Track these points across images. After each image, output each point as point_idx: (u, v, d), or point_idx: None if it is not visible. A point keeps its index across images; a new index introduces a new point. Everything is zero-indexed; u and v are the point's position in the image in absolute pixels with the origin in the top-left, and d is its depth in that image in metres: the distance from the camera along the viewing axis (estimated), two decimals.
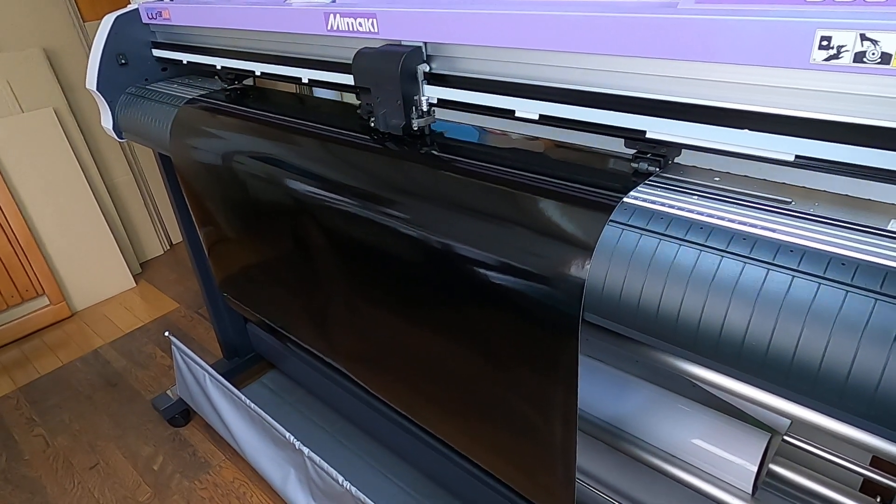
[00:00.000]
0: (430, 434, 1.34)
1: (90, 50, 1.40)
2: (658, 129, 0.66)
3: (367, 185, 0.89)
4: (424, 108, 0.86)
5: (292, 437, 1.27)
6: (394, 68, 0.82)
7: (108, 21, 1.35)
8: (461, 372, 0.88)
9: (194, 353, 1.55)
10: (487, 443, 0.94)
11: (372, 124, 0.91)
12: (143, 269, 2.67)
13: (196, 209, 1.35)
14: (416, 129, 0.86)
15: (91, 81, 1.37)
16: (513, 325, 0.74)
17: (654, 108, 0.65)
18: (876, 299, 0.47)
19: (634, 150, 0.71)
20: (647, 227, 0.60)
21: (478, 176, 0.77)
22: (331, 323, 1.14)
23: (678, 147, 0.67)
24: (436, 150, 0.86)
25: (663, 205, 0.63)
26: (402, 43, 0.85)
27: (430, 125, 0.89)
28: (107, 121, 1.42)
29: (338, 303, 1.07)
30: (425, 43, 0.83)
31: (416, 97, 0.85)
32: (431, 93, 0.85)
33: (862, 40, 0.50)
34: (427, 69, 0.84)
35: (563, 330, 0.67)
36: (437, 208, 0.79)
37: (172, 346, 1.62)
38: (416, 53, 0.82)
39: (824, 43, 0.51)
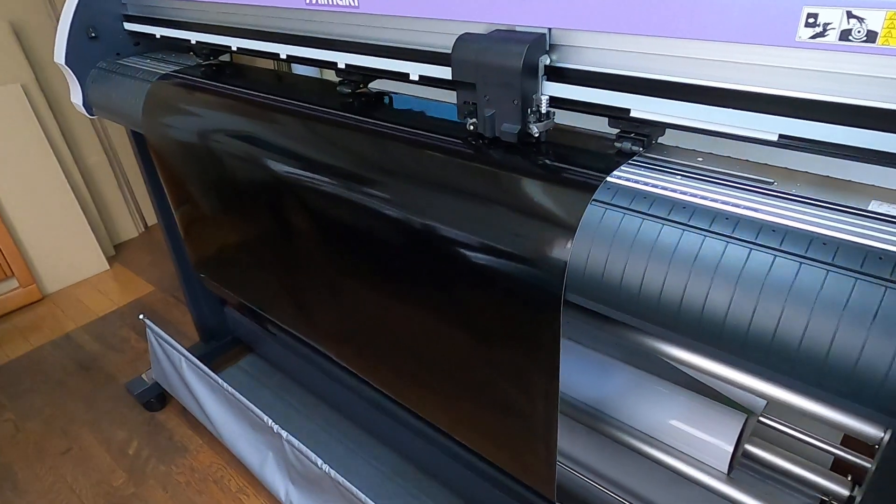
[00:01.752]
0: (409, 416, 1.34)
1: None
2: (642, 107, 0.65)
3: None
4: (544, 110, 0.72)
5: (270, 421, 1.26)
6: (515, 60, 0.67)
7: None
8: (443, 351, 0.87)
9: (170, 336, 1.52)
10: (469, 421, 0.94)
11: (471, 128, 0.77)
12: (117, 252, 2.61)
13: (171, 188, 1.31)
14: (535, 134, 0.73)
15: (59, 55, 1.32)
16: (495, 306, 0.73)
17: (639, 86, 0.65)
18: (856, 279, 0.48)
19: (618, 130, 0.70)
20: (630, 207, 0.60)
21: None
22: (312, 303, 1.12)
23: (662, 126, 0.66)
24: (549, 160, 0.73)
25: (647, 184, 0.62)
26: (500, 27, 0.72)
27: (548, 130, 0.75)
28: (76, 96, 1.38)
29: (319, 282, 1.06)
30: (549, 29, 0.69)
31: (534, 96, 0.72)
32: (550, 90, 0.72)
33: (848, 18, 0.49)
34: (548, 61, 0.71)
35: (546, 310, 0.66)
36: (426, 190, 0.78)
37: (147, 330, 1.58)
38: (539, 42, 0.68)
39: (811, 20, 0.51)
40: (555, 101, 0.72)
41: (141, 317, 1.59)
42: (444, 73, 0.78)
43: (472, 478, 1.23)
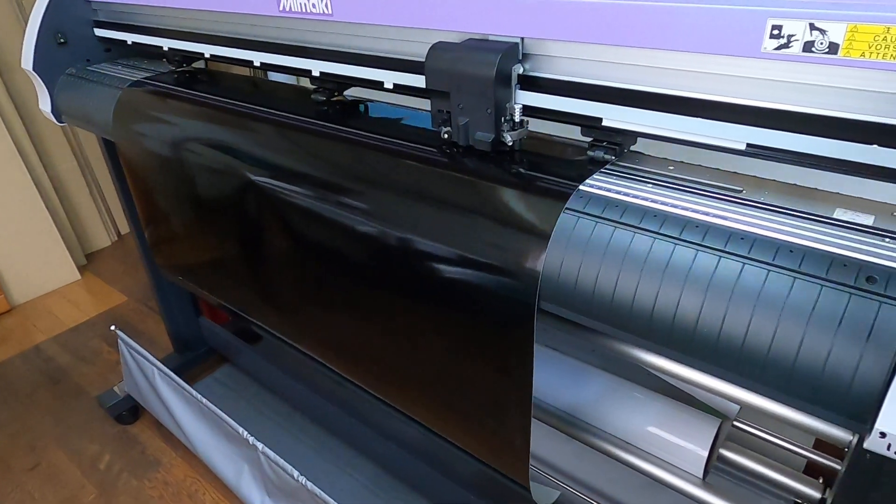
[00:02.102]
0: (387, 426, 1.33)
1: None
2: (614, 116, 0.66)
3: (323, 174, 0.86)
4: (517, 119, 0.72)
5: (245, 433, 1.24)
6: (488, 69, 0.67)
7: None
8: (418, 353, 0.87)
9: (143, 347, 1.49)
10: (446, 416, 0.93)
11: (445, 136, 0.77)
12: (88, 261, 2.56)
13: (141, 197, 1.29)
14: (509, 142, 0.73)
15: (27, 61, 1.29)
16: (470, 313, 0.73)
17: (610, 95, 0.65)
18: (822, 286, 0.48)
19: (591, 138, 0.71)
20: (602, 215, 0.60)
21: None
22: (292, 307, 1.11)
23: (634, 135, 0.67)
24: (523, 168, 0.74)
25: (619, 193, 0.62)
26: (474, 36, 0.72)
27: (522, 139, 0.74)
28: (45, 103, 1.35)
29: (297, 289, 1.04)
30: (522, 39, 0.69)
31: (507, 104, 0.72)
32: (524, 99, 0.72)
33: (811, 30, 0.50)
34: (521, 70, 0.71)
35: (520, 318, 0.66)
36: (400, 198, 0.78)
37: (119, 341, 1.55)
38: (512, 51, 0.69)
39: (775, 32, 0.52)
40: (528, 110, 0.72)
41: (113, 328, 1.56)
42: (419, 81, 0.78)
43: (451, 487, 1.23)
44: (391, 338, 0.89)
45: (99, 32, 1.35)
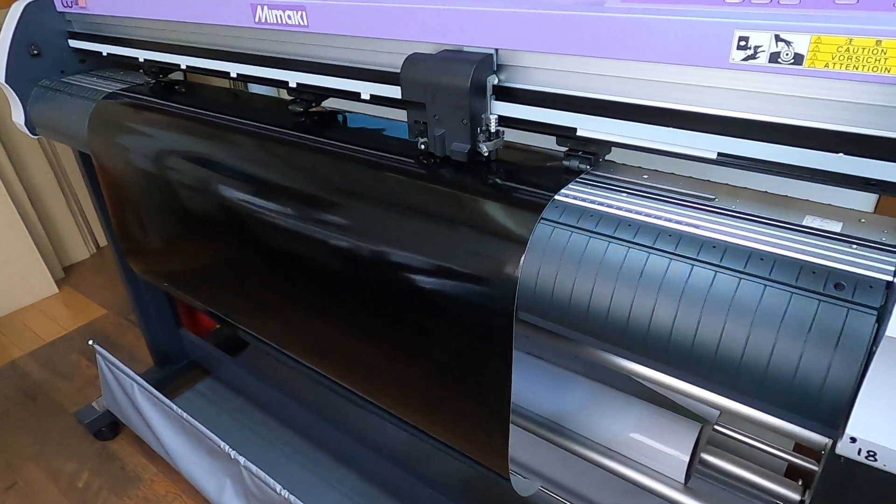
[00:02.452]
0: (371, 438, 1.32)
1: None
2: (588, 126, 0.66)
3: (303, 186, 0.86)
4: (493, 129, 0.73)
5: (227, 447, 1.22)
6: (462, 80, 0.68)
7: (16, 9, 1.25)
8: (399, 358, 0.86)
9: (122, 361, 1.46)
10: (428, 414, 0.92)
11: (422, 147, 0.77)
12: (66, 274, 2.51)
13: (119, 211, 1.27)
14: (485, 153, 0.73)
15: None
16: (449, 323, 0.73)
17: (584, 105, 0.66)
18: (791, 293, 0.49)
19: (566, 148, 0.71)
20: (577, 225, 0.60)
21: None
22: (274, 311, 1.09)
23: (608, 145, 0.67)
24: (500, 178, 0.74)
25: (593, 202, 0.63)
26: (448, 47, 0.72)
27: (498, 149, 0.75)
28: (18, 116, 1.32)
29: (275, 297, 1.03)
30: (496, 50, 0.70)
31: (483, 115, 0.72)
32: (499, 110, 0.72)
33: (777, 41, 0.51)
34: (496, 81, 0.71)
35: (498, 328, 0.66)
36: (377, 209, 0.77)
37: (97, 355, 1.52)
38: (486, 62, 0.69)
39: (742, 43, 0.53)
40: (503, 121, 0.72)
41: (90, 342, 1.53)
42: (395, 92, 0.78)
43: (435, 497, 1.22)
44: (371, 343, 0.89)
45: (73, 44, 1.33)
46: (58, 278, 2.44)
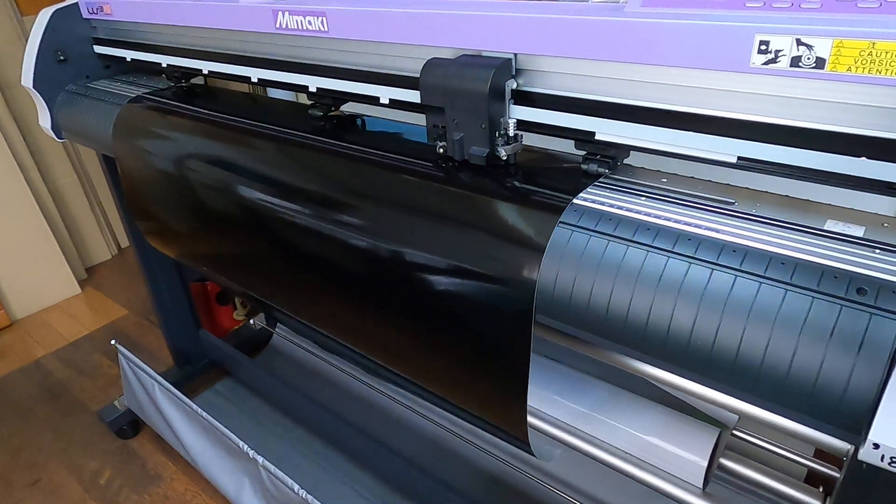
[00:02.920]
0: (389, 439, 1.32)
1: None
2: (607, 130, 0.66)
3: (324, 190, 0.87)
4: (511, 133, 0.73)
5: (245, 446, 1.24)
6: (482, 84, 0.68)
7: (44, 16, 1.29)
8: (419, 353, 0.85)
9: (143, 361, 1.49)
10: (453, 393, 0.90)
11: (441, 151, 0.77)
12: (89, 275, 2.56)
13: (141, 216, 1.29)
14: (504, 157, 0.73)
15: (27, 79, 1.30)
16: (467, 326, 0.73)
17: (603, 109, 0.66)
18: (813, 297, 0.49)
19: (584, 152, 0.72)
20: (596, 229, 0.60)
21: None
22: (305, 301, 1.07)
23: (626, 148, 0.67)
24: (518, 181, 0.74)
25: (612, 206, 0.63)
26: (467, 52, 0.73)
27: (516, 153, 0.75)
28: (45, 120, 1.36)
29: (304, 289, 1.02)
30: (515, 55, 0.70)
31: (501, 119, 0.73)
32: (518, 114, 0.73)
33: (798, 45, 0.51)
34: (515, 85, 0.72)
35: (516, 331, 0.66)
36: (396, 212, 0.78)
37: (119, 355, 1.55)
38: (505, 67, 0.70)
39: (763, 47, 0.52)
40: (522, 125, 0.73)
41: (113, 342, 1.56)
42: (414, 96, 0.79)
43: (452, 499, 1.22)
44: (397, 328, 0.87)
45: (98, 49, 1.36)
46: (80, 279, 2.48)
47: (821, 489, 0.85)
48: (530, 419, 0.75)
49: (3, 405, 1.86)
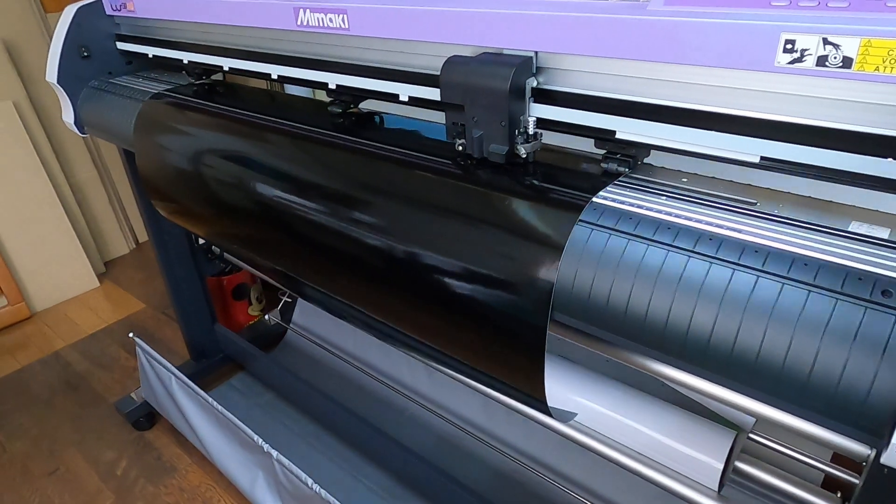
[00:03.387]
0: (402, 435, 1.33)
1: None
2: (627, 129, 0.66)
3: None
4: (531, 132, 0.73)
5: (260, 440, 1.25)
6: (502, 82, 0.68)
7: (69, 12, 1.31)
8: (446, 325, 0.84)
9: (160, 354, 1.51)
10: (471, 354, 0.88)
11: (460, 148, 0.78)
12: (107, 269, 2.60)
13: (164, 210, 1.31)
14: (523, 155, 0.73)
15: (51, 74, 1.33)
16: (485, 322, 0.73)
17: (624, 108, 0.66)
18: (837, 299, 0.48)
19: (604, 151, 0.71)
20: (615, 227, 0.60)
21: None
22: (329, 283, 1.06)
23: (647, 147, 0.67)
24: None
25: (632, 205, 0.63)
26: (488, 50, 0.73)
27: (535, 151, 0.75)
28: (68, 115, 1.38)
29: (325, 280, 1.02)
30: (536, 52, 0.70)
31: (521, 117, 0.73)
32: (537, 112, 0.73)
33: (824, 44, 0.50)
34: (535, 84, 0.72)
35: (532, 329, 0.66)
36: (414, 210, 0.79)
37: (137, 348, 1.57)
38: (526, 65, 0.70)
39: (788, 46, 0.52)
40: (542, 123, 0.73)
41: (131, 335, 1.58)
42: (434, 94, 0.79)
43: (463, 496, 1.23)
44: (418, 318, 0.86)
45: (121, 46, 1.38)
46: (99, 273, 2.52)
47: (838, 494, 0.84)
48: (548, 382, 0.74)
49: (23, 395, 1.90)
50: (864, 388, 0.46)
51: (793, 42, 0.52)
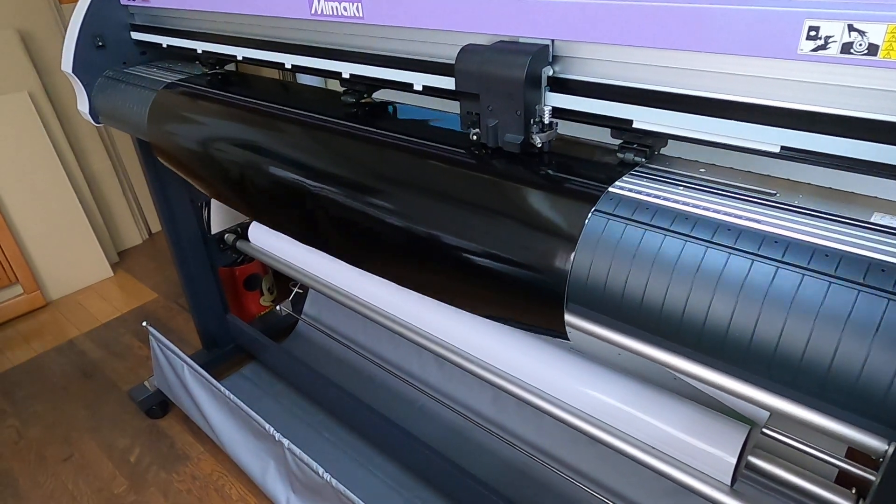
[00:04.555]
0: (413, 427, 1.33)
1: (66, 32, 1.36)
2: (644, 118, 0.65)
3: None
4: (547, 121, 0.73)
5: (272, 429, 1.26)
6: (518, 71, 0.68)
7: (84, 2, 1.31)
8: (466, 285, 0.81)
9: (173, 343, 1.52)
10: (493, 299, 0.86)
11: (474, 138, 0.77)
12: (121, 258, 2.62)
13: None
14: (538, 144, 0.73)
15: (66, 64, 1.33)
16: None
17: (642, 97, 0.65)
18: (859, 291, 0.48)
19: (621, 140, 0.71)
20: (632, 217, 0.60)
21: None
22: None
23: (664, 137, 0.66)
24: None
25: (649, 195, 0.62)
26: (504, 38, 0.72)
27: (551, 141, 0.74)
28: (83, 104, 1.39)
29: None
30: (552, 41, 0.69)
31: (537, 106, 0.72)
32: (553, 101, 0.72)
33: (849, 31, 0.49)
34: (551, 72, 0.71)
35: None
36: (428, 199, 0.78)
37: (150, 337, 1.59)
38: (542, 53, 0.69)
39: (812, 33, 0.51)
40: (558, 112, 0.72)
41: (144, 324, 1.60)
42: (448, 83, 0.79)
43: (473, 486, 1.23)
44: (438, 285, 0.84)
45: (135, 36, 1.38)
46: (112, 262, 2.54)
47: (853, 490, 0.83)
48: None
49: (38, 383, 1.92)
50: (885, 381, 0.45)
51: (817, 29, 0.51)
